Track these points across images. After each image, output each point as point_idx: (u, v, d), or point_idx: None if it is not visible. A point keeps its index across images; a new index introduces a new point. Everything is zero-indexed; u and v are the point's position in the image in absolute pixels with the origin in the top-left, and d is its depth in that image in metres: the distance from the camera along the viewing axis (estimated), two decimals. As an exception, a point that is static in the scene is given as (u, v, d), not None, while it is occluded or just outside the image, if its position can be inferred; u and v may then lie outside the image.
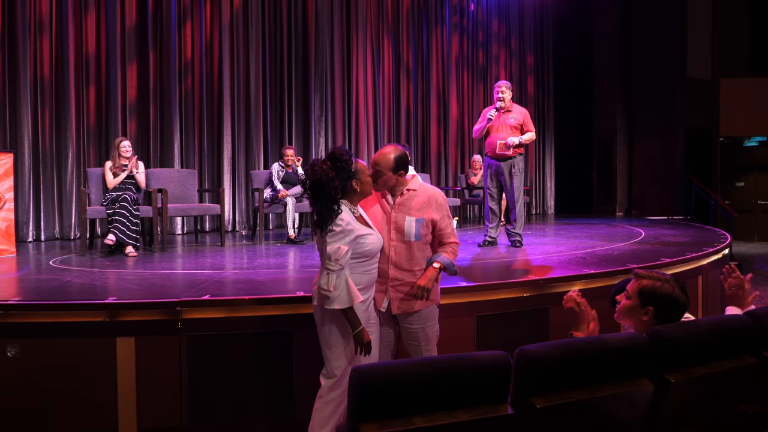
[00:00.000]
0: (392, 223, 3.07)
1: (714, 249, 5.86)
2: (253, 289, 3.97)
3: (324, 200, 2.82)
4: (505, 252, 5.99)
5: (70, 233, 7.59)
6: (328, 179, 2.79)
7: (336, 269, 2.77)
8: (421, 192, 3.11)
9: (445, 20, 11.35)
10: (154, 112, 8.18)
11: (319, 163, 2.85)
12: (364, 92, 10.15)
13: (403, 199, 3.09)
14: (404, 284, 3.07)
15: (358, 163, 2.94)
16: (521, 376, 1.85)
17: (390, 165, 3.01)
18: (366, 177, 2.96)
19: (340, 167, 2.84)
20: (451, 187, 11.01)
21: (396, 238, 3.06)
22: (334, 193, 2.81)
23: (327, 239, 2.79)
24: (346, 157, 2.87)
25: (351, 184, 2.89)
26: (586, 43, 12.87)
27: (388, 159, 3.01)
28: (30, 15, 7.28)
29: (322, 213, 2.83)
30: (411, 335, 3.14)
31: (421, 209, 3.07)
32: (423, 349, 3.14)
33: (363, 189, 2.95)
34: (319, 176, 2.80)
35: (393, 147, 3.08)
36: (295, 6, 9.34)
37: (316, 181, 2.81)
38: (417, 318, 3.11)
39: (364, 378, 1.69)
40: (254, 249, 6.55)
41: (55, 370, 3.35)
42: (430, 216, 3.07)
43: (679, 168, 12.06)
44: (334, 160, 2.85)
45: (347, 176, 2.87)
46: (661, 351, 2.07)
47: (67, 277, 4.57)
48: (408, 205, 3.08)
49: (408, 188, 3.10)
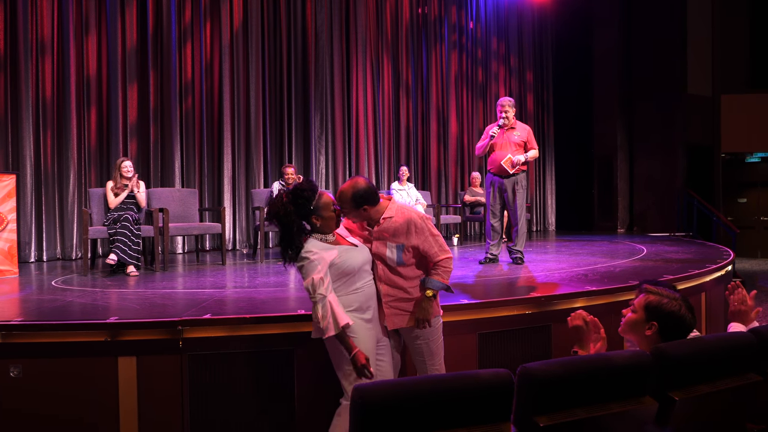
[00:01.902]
0: (373, 249, 3.09)
1: (717, 266, 5.85)
2: (254, 307, 3.96)
3: (283, 233, 2.87)
4: (506, 269, 5.98)
5: (71, 253, 7.59)
6: (286, 213, 2.83)
7: (319, 299, 2.80)
8: (398, 217, 3.05)
9: (444, 38, 11.44)
10: (154, 132, 8.22)
11: (279, 196, 2.88)
12: (364, 110, 10.19)
13: (380, 228, 3.06)
14: (397, 299, 3.08)
15: (323, 197, 2.93)
16: (524, 394, 1.83)
17: (349, 202, 2.99)
18: (328, 212, 2.93)
19: (299, 203, 2.87)
20: (452, 204, 11.02)
21: (380, 261, 3.09)
22: (292, 227, 2.85)
23: (302, 274, 2.83)
24: (307, 193, 2.88)
25: (310, 219, 2.92)
26: (585, 60, 12.94)
27: (345, 196, 2.99)
28: (32, 37, 7.36)
29: (283, 242, 2.89)
30: (415, 350, 3.16)
31: (399, 235, 3.04)
32: (428, 363, 3.15)
33: (324, 224, 2.94)
34: (276, 210, 2.85)
35: (351, 183, 3.02)
36: (294, 25, 9.42)
37: (272, 213, 2.86)
38: (420, 332, 3.11)
39: (365, 397, 1.68)
40: (255, 267, 6.55)
41: (57, 390, 3.34)
42: (410, 242, 3.04)
43: (680, 184, 12.06)
44: (295, 195, 2.87)
45: (306, 212, 2.89)
46: (664, 369, 2.05)
47: (69, 297, 4.56)
48: (386, 231, 3.05)
49: (384, 217, 3.05)
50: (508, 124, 6.14)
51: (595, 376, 1.94)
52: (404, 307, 3.09)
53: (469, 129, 11.82)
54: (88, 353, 3.38)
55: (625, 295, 4.47)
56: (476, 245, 9.13)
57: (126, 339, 3.40)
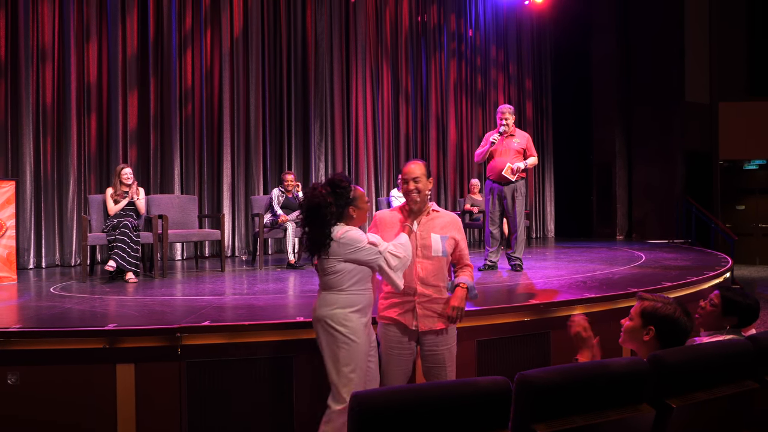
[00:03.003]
0: (418, 240, 3.12)
1: (715, 273, 5.86)
2: (253, 314, 3.97)
3: (318, 225, 2.88)
4: (505, 276, 5.99)
5: (70, 260, 7.59)
6: (326, 204, 2.85)
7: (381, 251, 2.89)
8: (443, 214, 3.26)
9: (444, 46, 11.47)
10: (154, 139, 8.23)
11: (319, 187, 2.91)
12: (364, 118, 10.21)
13: (428, 218, 3.19)
14: (431, 300, 3.11)
15: (357, 190, 3.00)
16: (521, 401, 1.84)
17: (424, 171, 3.14)
18: (363, 204, 3.02)
19: (339, 193, 2.90)
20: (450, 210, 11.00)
21: (422, 254, 3.11)
22: (329, 218, 2.87)
23: (359, 255, 2.87)
24: (345, 183, 2.93)
25: (348, 210, 2.94)
26: (584, 67, 12.97)
27: (420, 165, 3.16)
28: (32, 44, 7.38)
29: (314, 238, 2.89)
30: (437, 357, 3.14)
31: (445, 228, 3.18)
32: (448, 369, 3.16)
33: (359, 215, 3.01)
34: (318, 200, 2.86)
35: (417, 160, 3.24)
36: (294, 33, 9.45)
37: (314, 204, 2.87)
38: (444, 339, 3.14)
39: (363, 404, 1.69)
40: (254, 274, 6.55)
41: (55, 398, 3.34)
42: (453, 235, 3.19)
43: (679, 191, 12.08)
44: (333, 186, 2.91)
45: (345, 202, 2.92)
46: (662, 376, 2.06)
47: (68, 303, 4.56)
48: (432, 224, 3.18)
49: (434, 209, 3.22)
50: (508, 131, 6.17)
51: (592, 384, 1.94)
52: (435, 309, 3.12)
53: (468, 136, 11.84)
54: (86, 360, 3.38)
55: (623, 302, 4.48)
56: (475, 252, 9.13)
57: (124, 346, 3.41)
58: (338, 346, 2.89)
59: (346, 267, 2.89)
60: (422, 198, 3.14)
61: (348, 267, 2.89)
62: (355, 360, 2.90)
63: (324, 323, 2.93)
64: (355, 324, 2.91)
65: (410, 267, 3.06)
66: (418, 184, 3.10)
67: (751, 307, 2.78)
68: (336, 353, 2.90)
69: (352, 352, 2.89)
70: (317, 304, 2.99)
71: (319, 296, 3.01)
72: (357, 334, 2.91)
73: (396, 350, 3.12)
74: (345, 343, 2.89)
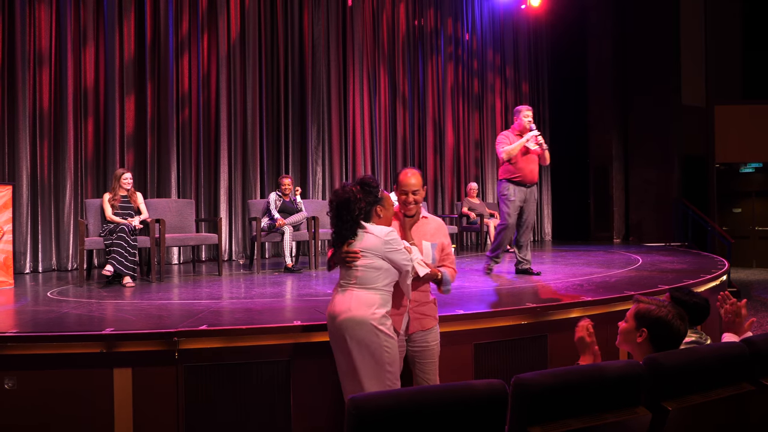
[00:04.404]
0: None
1: (712, 276, 5.87)
2: (250, 318, 3.96)
3: (347, 219, 2.95)
4: (502, 279, 5.99)
5: (67, 264, 7.58)
6: (356, 199, 2.94)
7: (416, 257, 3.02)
8: (431, 220, 3.35)
9: (441, 50, 11.50)
10: (151, 143, 8.23)
11: (348, 185, 3.01)
12: (361, 121, 10.23)
13: (418, 225, 3.28)
14: (420, 304, 3.22)
15: (384, 193, 3.11)
16: (518, 405, 1.84)
17: (421, 182, 3.24)
18: (390, 206, 3.12)
19: (368, 191, 3.00)
20: (448, 214, 11.03)
21: None
22: (357, 214, 2.94)
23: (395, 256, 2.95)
24: (374, 184, 3.04)
25: (375, 209, 3.04)
26: (580, 71, 13.00)
27: (417, 176, 3.24)
28: (29, 48, 7.38)
29: (342, 232, 2.97)
30: (429, 352, 3.23)
31: (434, 235, 3.28)
32: (436, 365, 3.26)
33: (386, 215, 3.10)
34: (348, 195, 2.95)
35: (412, 168, 3.31)
36: (291, 37, 9.46)
37: (344, 200, 2.95)
38: (432, 334, 3.25)
39: (360, 408, 1.69)
40: (251, 278, 6.55)
41: (52, 402, 3.33)
42: (441, 241, 3.29)
43: (675, 194, 12.11)
44: (363, 185, 3.01)
45: (374, 201, 3.02)
46: (658, 379, 2.06)
47: (65, 308, 4.56)
48: (423, 231, 3.27)
49: (423, 216, 3.32)
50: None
51: (588, 387, 1.95)
52: (423, 311, 3.24)
53: (465, 140, 11.86)
54: (83, 365, 3.38)
55: (620, 305, 4.49)
56: (472, 256, 9.15)
57: (121, 350, 3.40)
58: (381, 346, 2.90)
59: (384, 265, 2.94)
60: (418, 208, 3.26)
61: (386, 265, 2.94)
62: (395, 358, 2.97)
63: (366, 325, 2.87)
64: (390, 323, 2.97)
65: None
66: (416, 196, 3.21)
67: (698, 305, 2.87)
68: (380, 356, 2.90)
69: (392, 351, 2.95)
70: (351, 305, 2.90)
71: (350, 296, 2.93)
72: (393, 332, 2.98)
73: None
74: (387, 343, 2.92)
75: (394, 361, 2.96)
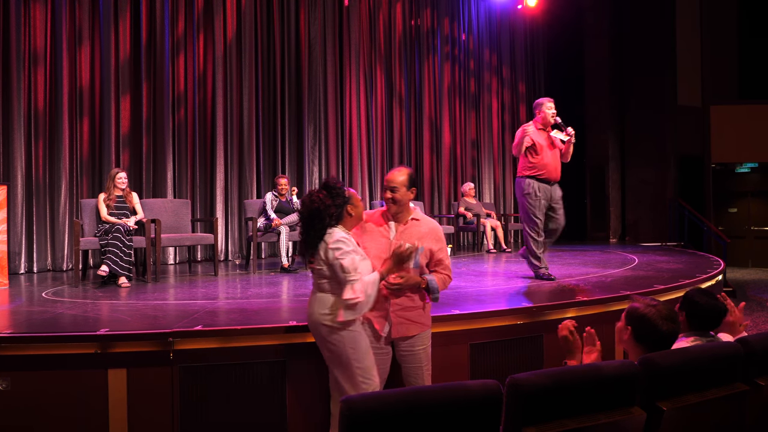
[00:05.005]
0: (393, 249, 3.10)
1: (707, 275, 5.89)
2: (246, 318, 3.96)
3: (318, 228, 2.93)
4: (498, 280, 5.99)
5: (62, 264, 7.55)
6: (325, 207, 2.93)
7: (357, 278, 2.84)
8: (423, 223, 3.26)
9: (437, 50, 11.50)
10: (147, 143, 8.21)
11: (315, 192, 2.98)
12: (358, 121, 10.22)
13: (406, 227, 3.21)
14: (404, 309, 3.16)
15: (349, 190, 3.08)
16: (512, 405, 1.84)
17: (405, 181, 3.15)
18: (358, 202, 3.08)
19: (335, 194, 2.99)
20: (444, 214, 11.04)
21: None
22: (328, 221, 2.93)
23: (338, 256, 2.86)
24: (339, 185, 3.02)
25: (346, 209, 3.02)
26: (577, 71, 13.02)
27: (402, 174, 3.17)
28: (24, 48, 7.36)
29: (310, 241, 2.95)
30: (415, 357, 3.20)
31: (422, 239, 3.17)
32: (425, 369, 3.22)
33: (357, 212, 3.07)
34: (317, 205, 2.93)
35: (403, 166, 3.27)
36: (288, 37, 9.45)
37: (314, 209, 2.94)
38: (420, 339, 3.20)
39: (353, 408, 1.68)
40: (247, 278, 6.54)
41: (46, 404, 3.32)
42: (429, 246, 3.19)
43: (672, 194, 12.13)
44: (329, 189, 2.99)
45: (342, 202, 3.00)
46: (653, 379, 2.06)
47: (60, 308, 4.54)
48: (410, 233, 3.18)
49: (412, 217, 3.23)
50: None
51: (583, 387, 1.95)
52: (409, 316, 3.18)
53: (462, 140, 11.86)
54: (77, 366, 3.36)
55: (616, 305, 4.49)
56: (469, 256, 9.15)
57: (116, 351, 3.39)
58: (341, 344, 2.94)
59: (328, 273, 2.95)
60: (399, 207, 3.18)
61: (329, 273, 2.94)
62: (362, 354, 2.97)
63: (322, 327, 2.98)
64: (355, 321, 2.98)
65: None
66: (395, 194, 3.14)
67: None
68: (341, 353, 2.95)
69: (358, 348, 2.96)
70: (312, 308, 3.04)
71: (312, 299, 3.06)
72: (357, 329, 2.98)
73: (374, 347, 3.15)
74: (347, 341, 2.94)
75: (361, 358, 2.95)
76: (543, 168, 5.56)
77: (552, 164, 5.59)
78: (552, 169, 5.60)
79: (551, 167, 5.59)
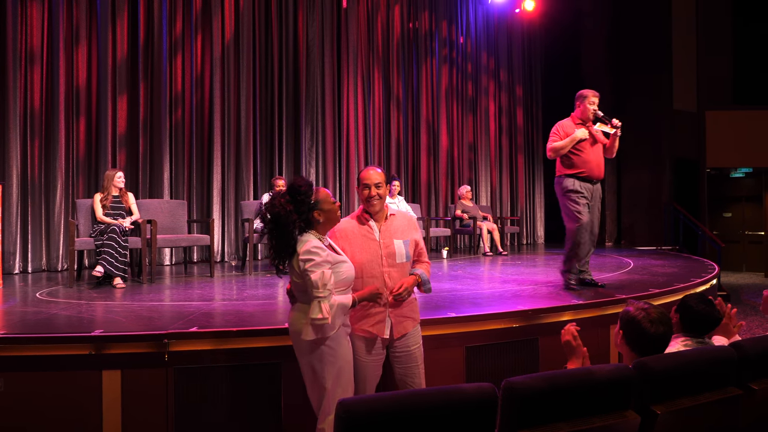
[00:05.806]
0: (382, 249, 3.12)
1: (702, 279, 5.90)
2: (241, 320, 3.95)
3: (281, 236, 2.78)
4: (494, 283, 5.99)
5: (57, 265, 7.53)
6: (286, 213, 2.75)
7: (326, 295, 2.71)
8: (399, 215, 3.27)
9: (435, 53, 11.52)
10: (143, 143, 8.20)
11: (278, 197, 2.83)
12: (355, 123, 10.22)
13: (387, 224, 3.19)
14: (399, 307, 3.15)
15: (319, 192, 2.91)
16: (507, 408, 1.84)
17: (385, 178, 3.17)
18: (329, 205, 2.91)
19: (299, 200, 2.81)
20: (441, 216, 11.05)
21: (387, 263, 3.11)
22: (291, 228, 2.77)
23: (307, 269, 2.72)
24: (304, 188, 2.83)
25: (313, 215, 2.85)
26: (574, 75, 13.03)
27: (381, 172, 3.18)
28: (21, 47, 7.35)
29: (278, 249, 2.80)
30: (410, 357, 3.18)
31: (405, 232, 3.21)
32: (420, 368, 3.21)
33: (328, 218, 2.91)
34: (277, 210, 2.77)
35: (374, 165, 3.30)
36: (286, 38, 9.45)
37: (274, 215, 2.78)
38: (414, 337, 3.19)
39: (350, 411, 1.69)
40: (243, 280, 6.53)
41: (40, 405, 3.31)
42: (412, 237, 3.23)
43: (667, 198, 12.16)
44: (293, 193, 2.82)
45: (307, 208, 2.83)
46: (647, 382, 2.07)
47: (54, 309, 4.53)
48: (392, 229, 3.19)
49: (390, 213, 3.23)
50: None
51: (578, 390, 1.95)
52: (404, 312, 3.16)
53: (459, 142, 11.88)
54: (72, 366, 3.36)
55: (611, 309, 4.50)
56: (465, 259, 9.15)
57: (111, 352, 3.38)
58: (320, 356, 2.82)
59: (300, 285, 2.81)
60: (381, 205, 3.17)
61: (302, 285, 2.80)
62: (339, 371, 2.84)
63: (299, 342, 2.84)
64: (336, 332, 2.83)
65: (379, 278, 3.07)
66: (380, 190, 3.12)
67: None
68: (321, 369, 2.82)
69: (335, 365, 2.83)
70: (289, 320, 2.92)
71: (293, 307, 2.93)
72: (338, 340, 2.85)
73: (370, 359, 3.10)
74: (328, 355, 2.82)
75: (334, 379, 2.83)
76: (584, 165, 5.15)
77: (594, 161, 5.16)
78: (594, 166, 5.16)
79: (593, 164, 5.16)
